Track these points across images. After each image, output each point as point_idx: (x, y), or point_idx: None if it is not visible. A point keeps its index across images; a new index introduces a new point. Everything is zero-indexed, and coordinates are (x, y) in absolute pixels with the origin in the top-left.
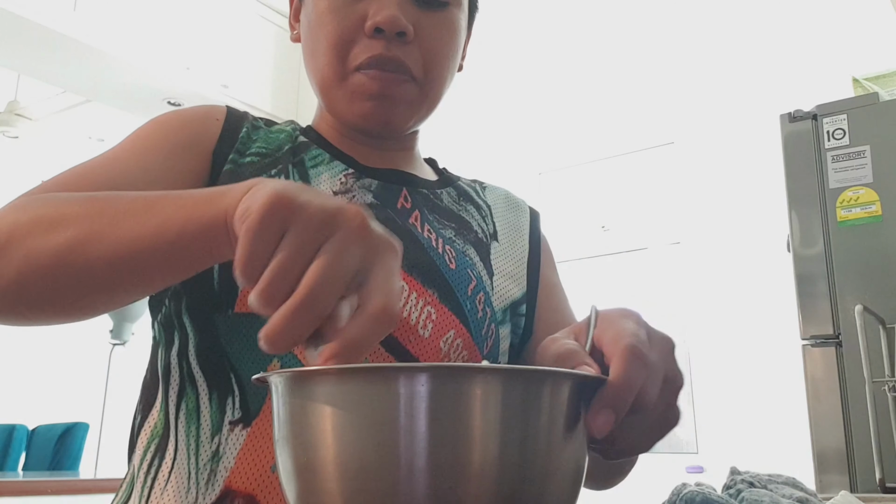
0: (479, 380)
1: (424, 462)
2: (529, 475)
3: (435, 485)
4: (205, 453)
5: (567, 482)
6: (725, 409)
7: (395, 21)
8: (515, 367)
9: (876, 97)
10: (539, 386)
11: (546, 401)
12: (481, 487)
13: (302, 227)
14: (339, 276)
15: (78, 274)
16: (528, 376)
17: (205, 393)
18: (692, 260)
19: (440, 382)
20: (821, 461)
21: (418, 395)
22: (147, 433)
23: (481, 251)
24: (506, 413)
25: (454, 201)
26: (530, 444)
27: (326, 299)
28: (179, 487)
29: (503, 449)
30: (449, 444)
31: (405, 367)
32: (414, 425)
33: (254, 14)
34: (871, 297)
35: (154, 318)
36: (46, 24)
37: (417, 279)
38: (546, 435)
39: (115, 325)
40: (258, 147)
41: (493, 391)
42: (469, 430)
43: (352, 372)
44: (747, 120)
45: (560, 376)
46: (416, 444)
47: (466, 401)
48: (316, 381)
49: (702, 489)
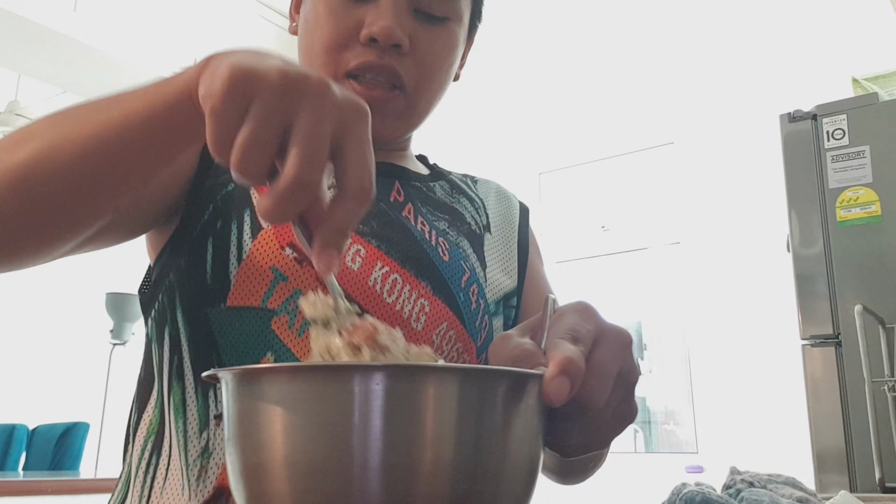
0: (434, 379)
1: (378, 462)
2: (483, 473)
3: (388, 484)
4: (194, 449)
5: (521, 480)
6: (725, 409)
7: (391, 33)
8: (470, 366)
9: (875, 97)
10: (494, 386)
11: (501, 400)
12: (435, 487)
13: (266, 97)
14: (321, 150)
15: (50, 181)
16: (482, 376)
17: (191, 386)
18: (692, 260)
19: (394, 381)
20: (820, 461)
21: (372, 394)
22: (143, 431)
23: (475, 243)
24: (461, 412)
25: (447, 193)
26: (485, 444)
27: (316, 176)
28: (175, 485)
29: (458, 448)
30: (402, 443)
31: (359, 366)
32: (367, 424)
33: (254, 14)
34: (870, 297)
35: (147, 315)
36: (47, 24)
37: (410, 271)
38: (501, 434)
39: (116, 325)
40: None
41: (447, 391)
42: (423, 430)
43: (303, 370)
44: (747, 120)
45: (516, 376)
46: (369, 444)
47: (421, 400)
48: (266, 380)
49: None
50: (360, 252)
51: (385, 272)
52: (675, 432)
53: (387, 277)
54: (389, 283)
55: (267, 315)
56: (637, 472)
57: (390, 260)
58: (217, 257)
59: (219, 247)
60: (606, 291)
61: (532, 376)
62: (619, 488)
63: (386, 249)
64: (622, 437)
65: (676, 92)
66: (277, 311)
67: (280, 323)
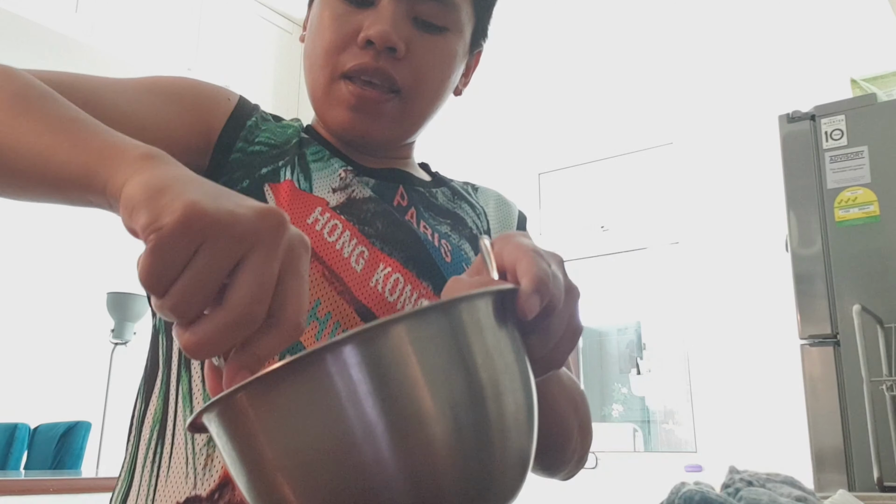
0: (402, 329)
1: (383, 432)
2: (490, 397)
3: (404, 451)
4: (200, 438)
5: (523, 396)
6: (724, 409)
7: (387, 36)
8: (430, 303)
9: (874, 98)
10: (466, 311)
11: (479, 324)
12: (445, 429)
13: (220, 242)
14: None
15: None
16: (448, 307)
17: (197, 375)
18: (691, 260)
19: (365, 349)
20: (819, 460)
21: (351, 370)
22: (150, 421)
23: (476, 247)
24: (443, 353)
25: (448, 199)
26: (481, 370)
27: (258, 316)
28: (180, 473)
29: (455, 389)
30: (402, 404)
31: (326, 347)
32: (357, 401)
33: (255, 15)
34: (869, 297)
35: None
36: (48, 25)
37: (413, 272)
38: (491, 359)
39: (117, 325)
40: (266, 137)
41: (421, 336)
42: (415, 382)
43: (279, 372)
44: (746, 120)
45: (480, 296)
46: (367, 419)
47: (402, 355)
48: (244, 399)
49: (700, 488)
50: (363, 254)
51: (387, 273)
52: (673, 431)
53: (388, 278)
54: (391, 283)
55: None
56: (636, 471)
57: (393, 261)
58: None
59: None
60: (606, 291)
61: (508, 291)
62: (618, 487)
63: (389, 251)
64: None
65: (675, 92)
66: None
67: None
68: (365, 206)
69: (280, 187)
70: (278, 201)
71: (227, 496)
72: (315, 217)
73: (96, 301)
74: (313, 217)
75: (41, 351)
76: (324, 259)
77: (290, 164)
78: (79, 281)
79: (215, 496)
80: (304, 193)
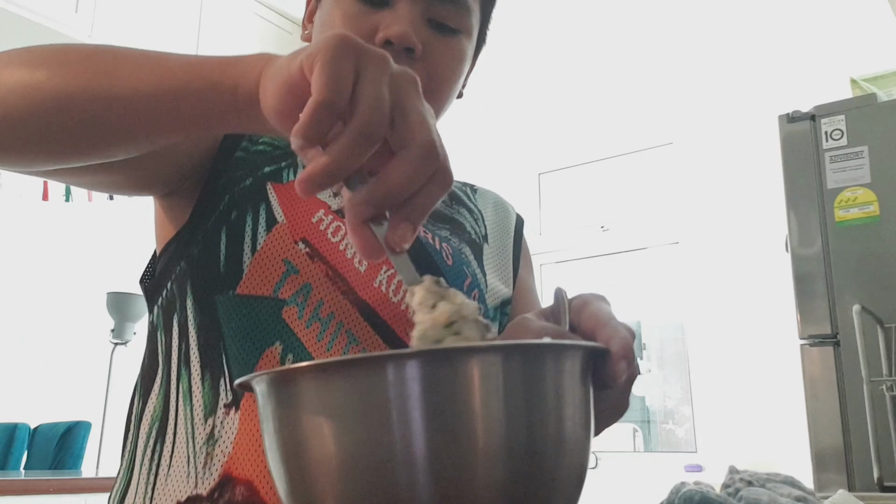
0: (477, 359)
1: (422, 452)
2: (541, 451)
3: (436, 473)
4: (200, 436)
5: (577, 459)
6: (724, 409)
7: (406, 37)
8: (517, 342)
9: (874, 98)
10: (555, 360)
11: (552, 374)
12: (488, 471)
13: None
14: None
15: (78, 110)
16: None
17: (197, 373)
18: (691, 260)
19: (431, 367)
20: (819, 460)
21: (408, 383)
22: (148, 419)
23: (475, 251)
24: (508, 390)
25: (447, 205)
26: (538, 421)
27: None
28: (180, 471)
29: (508, 428)
30: (449, 429)
31: (394, 355)
32: (406, 415)
33: (253, 15)
34: (868, 297)
35: (153, 303)
36: (48, 25)
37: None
38: (555, 410)
39: (117, 325)
40: (270, 137)
41: (492, 370)
42: (469, 413)
43: (338, 365)
44: (746, 121)
45: (570, 348)
46: (411, 435)
47: (462, 382)
48: (303, 380)
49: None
50: None
51: (390, 274)
52: (674, 431)
53: (392, 279)
54: (395, 285)
55: (278, 304)
56: (636, 471)
57: None
58: (230, 247)
59: (232, 237)
60: (606, 291)
61: (599, 350)
62: (618, 487)
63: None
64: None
65: (675, 92)
66: (288, 302)
67: (290, 313)
68: None
69: (286, 187)
70: (281, 201)
71: (227, 495)
72: (319, 217)
73: (96, 301)
74: (317, 217)
75: (41, 351)
76: (327, 259)
77: (293, 165)
78: (79, 281)
79: (215, 495)
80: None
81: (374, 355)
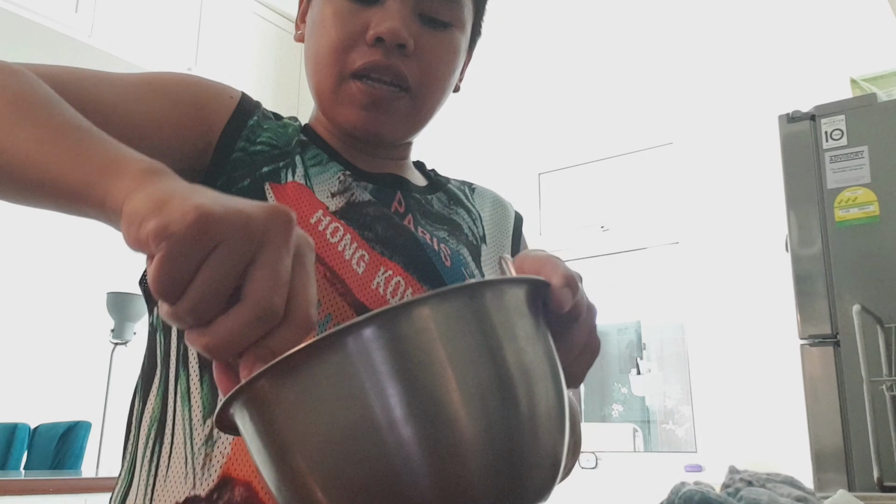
0: (427, 310)
1: (404, 416)
2: (520, 388)
3: (426, 436)
4: (198, 436)
5: (554, 389)
6: (724, 409)
7: (397, 33)
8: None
9: (874, 98)
10: (492, 295)
11: (508, 310)
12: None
13: (234, 242)
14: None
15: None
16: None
17: (195, 374)
18: (691, 260)
19: (388, 329)
20: (819, 460)
21: (373, 351)
22: (147, 420)
23: (473, 252)
24: (472, 336)
25: (445, 206)
26: (511, 359)
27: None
28: (179, 472)
29: (483, 372)
30: (424, 386)
31: (348, 328)
32: (380, 385)
33: (254, 14)
34: (868, 297)
35: (153, 304)
36: (48, 24)
37: (413, 275)
38: (521, 346)
39: (117, 325)
40: (268, 137)
41: (447, 317)
42: (439, 364)
43: (299, 354)
44: (746, 120)
45: (510, 281)
46: (390, 404)
47: (426, 336)
48: (267, 382)
49: (700, 488)
50: (363, 257)
51: (388, 276)
52: (674, 431)
53: (390, 280)
54: (392, 286)
55: None
56: (636, 471)
57: (394, 264)
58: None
59: None
60: (606, 291)
61: (540, 283)
62: (618, 487)
63: (389, 255)
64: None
65: (675, 92)
66: None
67: None
68: (364, 210)
69: (284, 188)
70: (280, 201)
71: (226, 496)
72: (318, 217)
73: (96, 301)
74: (316, 217)
75: (41, 351)
76: (325, 260)
77: (292, 165)
78: (79, 281)
79: (214, 496)
80: (308, 194)
81: (320, 337)
